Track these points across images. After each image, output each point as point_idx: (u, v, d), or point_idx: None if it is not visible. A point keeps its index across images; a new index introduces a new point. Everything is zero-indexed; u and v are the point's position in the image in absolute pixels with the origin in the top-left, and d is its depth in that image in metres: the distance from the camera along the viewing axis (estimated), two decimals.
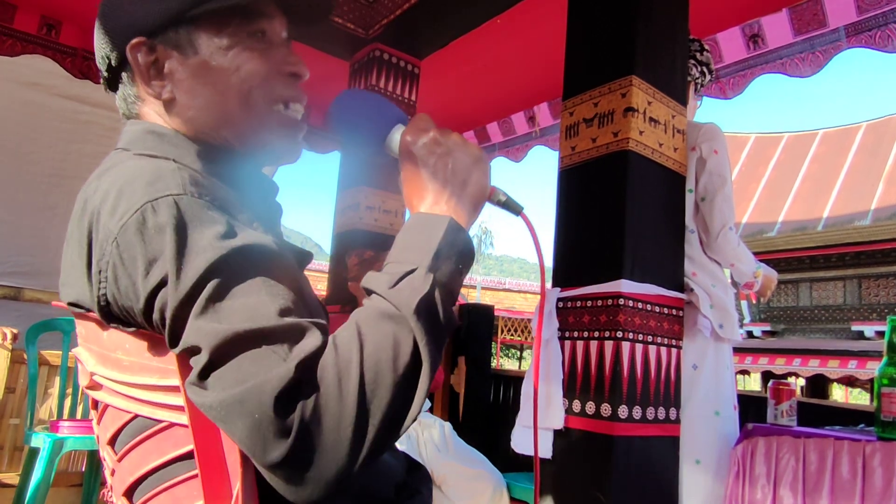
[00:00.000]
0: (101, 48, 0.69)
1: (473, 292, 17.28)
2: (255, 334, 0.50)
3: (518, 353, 21.98)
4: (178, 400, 0.57)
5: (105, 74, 0.70)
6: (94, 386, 0.66)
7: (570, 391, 1.68)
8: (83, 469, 2.85)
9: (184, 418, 0.57)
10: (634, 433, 1.57)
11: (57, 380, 2.70)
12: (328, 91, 3.66)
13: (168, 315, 0.53)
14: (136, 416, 0.62)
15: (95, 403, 0.69)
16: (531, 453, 1.70)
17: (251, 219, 0.61)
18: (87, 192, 0.62)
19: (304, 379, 0.48)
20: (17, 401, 2.70)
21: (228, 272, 0.52)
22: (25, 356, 2.60)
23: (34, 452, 2.37)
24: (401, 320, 0.52)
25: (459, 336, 3.28)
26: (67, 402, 2.66)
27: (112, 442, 0.65)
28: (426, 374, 0.52)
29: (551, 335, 1.74)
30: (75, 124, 3.67)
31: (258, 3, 0.68)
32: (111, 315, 0.58)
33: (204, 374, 0.50)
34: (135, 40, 0.66)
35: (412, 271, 0.55)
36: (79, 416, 2.67)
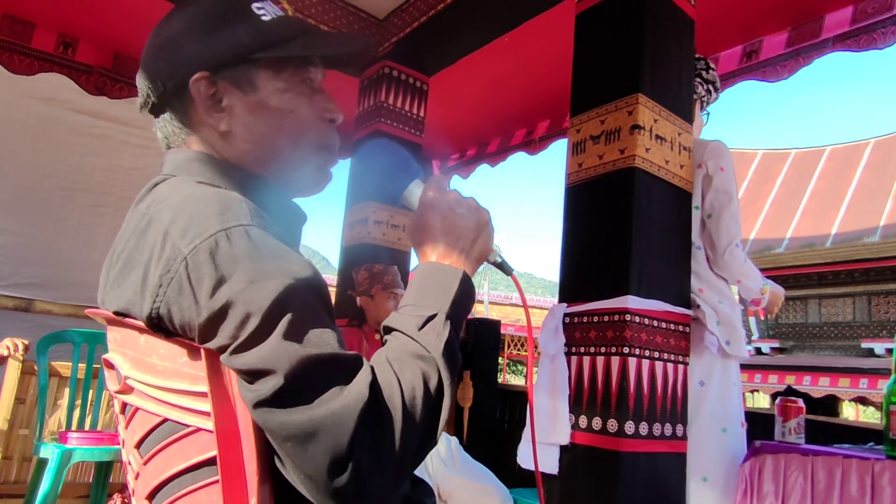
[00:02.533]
0: (157, 75, 0.72)
1: (480, 307, 17.25)
2: (328, 360, 0.55)
3: (525, 368, 21.85)
4: (206, 406, 0.58)
5: (153, 100, 0.73)
6: (126, 390, 0.67)
7: (576, 406, 1.68)
8: (91, 480, 2.86)
9: (209, 424, 0.58)
10: (641, 449, 1.57)
11: (66, 391, 2.72)
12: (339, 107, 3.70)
13: (235, 336, 0.55)
14: (165, 420, 0.64)
15: (123, 408, 0.71)
16: (539, 468, 1.70)
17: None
18: (150, 212, 0.64)
19: (370, 408, 0.54)
20: (27, 411, 2.72)
21: (297, 301, 0.57)
22: (36, 367, 2.62)
23: (42, 463, 2.38)
24: (429, 360, 0.60)
25: (466, 350, 3.29)
26: (76, 414, 2.67)
27: (139, 445, 0.67)
28: (448, 403, 0.60)
29: (558, 350, 1.75)
30: (89, 138, 3.72)
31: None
32: (158, 327, 0.61)
33: (281, 396, 0.53)
34: (199, 74, 0.69)
35: (434, 316, 0.63)
36: (87, 427, 2.69)
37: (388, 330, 0.65)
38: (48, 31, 3.04)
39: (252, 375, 0.55)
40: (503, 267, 0.77)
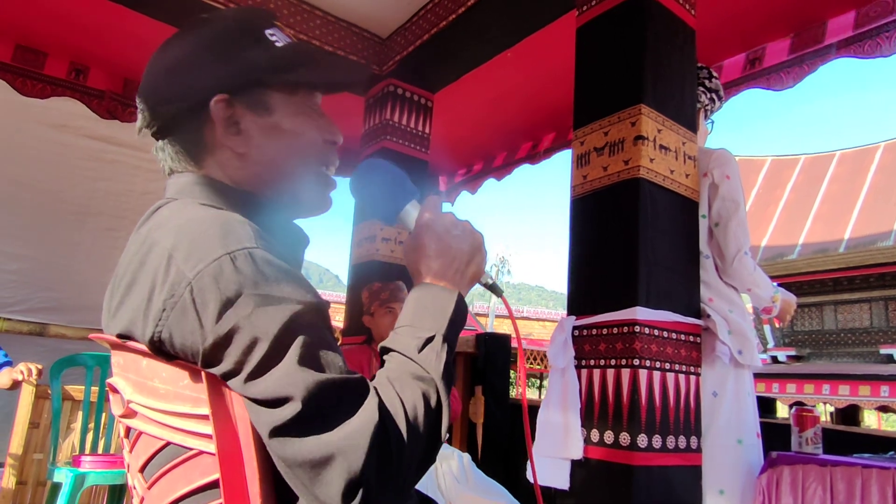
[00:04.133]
0: (168, 96, 0.72)
1: (484, 320, 17.19)
2: (341, 384, 0.57)
3: (538, 381, 21.69)
4: (208, 428, 0.59)
5: (160, 122, 0.73)
6: (129, 414, 0.68)
7: (587, 420, 1.67)
8: (104, 503, 2.86)
9: (212, 447, 0.59)
10: (655, 463, 1.55)
11: (79, 414, 2.73)
12: (344, 126, 3.74)
13: (241, 362, 0.56)
14: (168, 443, 0.64)
15: (128, 432, 0.71)
16: (550, 484, 1.68)
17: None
18: (152, 236, 0.64)
19: (379, 430, 0.55)
20: (41, 436, 2.73)
21: (305, 324, 0.58)
22: (49, 391, 2.64)
23: (57, 487, 2.39)
24: (429, 381, 0.62)
25: (477, 366, 3.27)
26: (89, 437, 2.68)
27: (143, 469, 0.68)
28: (446, 420, 0.62)
29: (568, 364, 1.74)
30: (101, 163, 3.79)
31: None
32: (160, 350, 0.61)
33: (299, 422, 0.54)
34: (220, 96, 0.70)
35: (432, 338, 0.65)
36: (100, 450, 2.69)
37: (387, 350, 0.66)
38: (60, 59, 3.11)
39: (268, 403, 0.55)
40: (494, 289, 0.79)
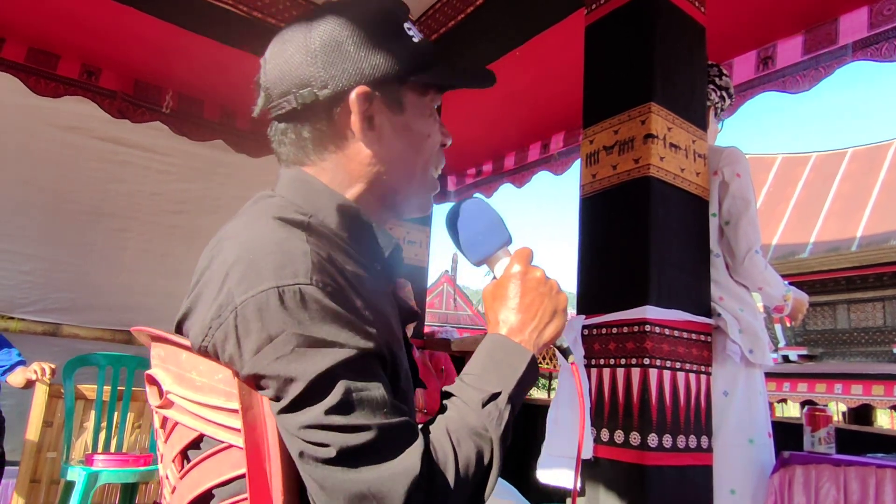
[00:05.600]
0: (309, 80, 0.67)
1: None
2: (381, 429, 0.56)
3: (546, 381, 21.64)
4: (238, 423, 0.60)
5: (295, 105, 0.68)
6: (167, 404, 0.70)
7: (597, 420, 1.66)
8: (117, 501, 2.88)
9: (240, 441, 0.60)
10: (665, 462, 1.54)
11: (92, 413, 2.76)
12: None
13: (277, 398, 0.57)
14: (202, 435, 0.66)
15: (163, 423, 0.73)
16: (560, 484, 1.68)
17: (371, 287, 0.65)
18: (222, 244, 0.64)
19: (421, 481, 0.55)
20: (55, 435, 2.76)
21: (347, 370, 0.56)
22: (62, 390, 2.67)
23: (70, 486, 2.41)
24: (486, 439, 0.61)
25: None
26: (102, 436, 2.71)
27: (179, 457, 0.70)
28: (493, 480, 0.61)
29: (577, 363, 1.73)
30: (112, 164, 3.82)
31: None
32: (204, 352, 0.63)
33: (331, 462, 0.54)
34: (362, 88, 0.67)
35: (498, 395, 0.63)
36: (113, 449, 2.72)
37: (449, 395, 0.65)
38: (72, 61, 3.15)
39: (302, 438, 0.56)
40: (565, 353, 0.76)
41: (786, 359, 12.59)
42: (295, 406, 0.55)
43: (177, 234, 4.20)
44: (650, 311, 1.59)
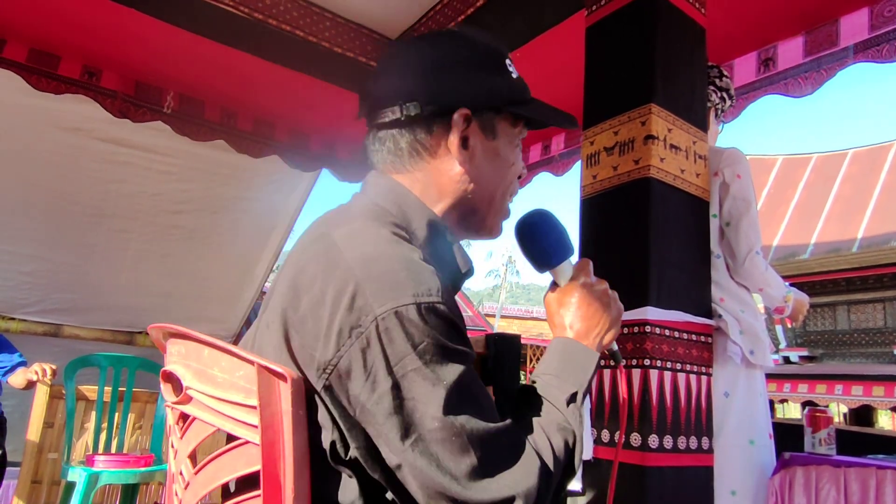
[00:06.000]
0: (417, 94, 0.74)
1: (491, 320, 17.15)
2: (505, 431, 0.64)
3: None
4: (255, 419, 0.61)
5: (399, 115, 0.74)
6: (185, 400, 0.71)
7: (597, 421, 1.66)
8: (118, 502, 2.89)
9: (257, 437, 0.61)
10: (666, 463, 1.54)
11: (93, 414, 2.76)
12: (353, 125, 3.75)
13: (410, 411, 0.60)
14: (219, 430, 0.67)
15: (179, 419, 0.74)
16: None
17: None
18: (340, 244, 0.66)
19: (542, 470, 0.64)
20: (56, 435, 2.77)
21: (472, 379, 0.64)
22: (63, 391, 2.67)
23: (71, 486, 2.41)
24: (570, 431, 0.70)
25: (487, 366, 3.27)
26: (103, 437, 2.71)
27: (192, 455, 0.71)
28: (579, 458, 0.71)
29: None
30: (113, 165, 3.82)
31: None
32: (288, 346, 0.65)
33: (474, 474, 0.60)
34: (465, 110, 0.74)
35: (576, 394, 0.73)
36: (113, 450, 2.72)
37: (527, 390, 0.75)
38: (73, 62, 3.15)
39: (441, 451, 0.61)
40: (615, 356, 0.84)
41: (787, 360, 12.58)
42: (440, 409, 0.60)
43: (178, 234, 4.21)
44: (650, 312, 1.59)
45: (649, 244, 1.64)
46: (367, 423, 0.62)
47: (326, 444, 0.64)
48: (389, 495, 0.65)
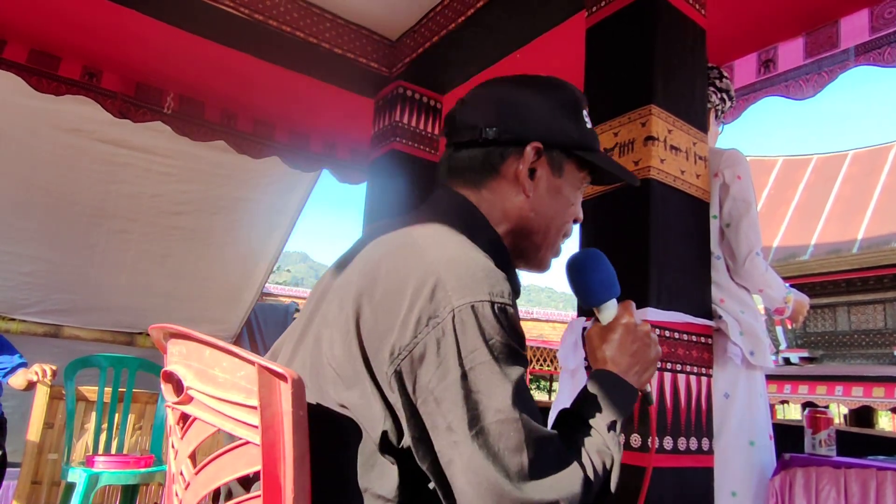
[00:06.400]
0: (498, 121, 0.82)
1: None
2: (552, 438, 0.68)
3: (548, 384, 21.61)
4: (256, 419, 0.61)
5: (477, 137, 0.82)
6: (186, 400, 0.71)
7: (626, 426, 1.66)
8: (118, 503, 2.88)
9: (257, 438, 0.61)
10: (666, 464, 1.54)
11: (93, 415, 2.76)
12: (353, 126, 3.75)
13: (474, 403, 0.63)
14: (219, 431, 0.67)
15: (180, 419, 0.75)
16: None
17: None
18: (420, 243, 0.72)
19: (585, 481, 0.67)
20: (56, 436, 2.76)
21: (527, 388, 0.68)
22: (63, 392, 2.67)
23: (71, 487, 2.41)
24: (609, 455, 0.74)
25: None
26: (103, 438, 2.71)
27: (192, 455, 0.72)
28: (615, 479, 0.75)
29: (578, 365, 1.73)
30: (113, 166, 3.82)
31: None
32: (357, 332, 0.68)
33: (525, 473, 0.63)
34: (537, 143, 0.82)
35: (616, 422, 0.78)
36: (113, 451, 2.72)
37: (577, 414, 0.78)
38: (73, 63, 3.15)
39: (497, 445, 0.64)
40: (647, 397, 0.90)
41: (787, 361, 12.57)
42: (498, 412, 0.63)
43: (177, 235, 4.21)
44: (650, 313, 1.59)
45: (649, 245, 1.64)
46: (428, 413, 0.64)
47: (377, 432, 0.66)
48: (431, 485, 0.67)
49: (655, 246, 1.65)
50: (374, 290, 0.68)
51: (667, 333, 1.62)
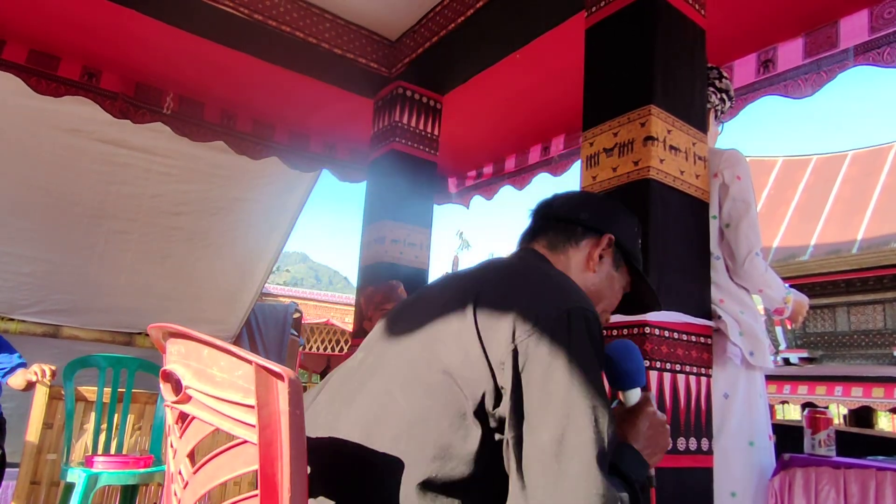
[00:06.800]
0: (592, 216, 1.07)
1: None
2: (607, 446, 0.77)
3: None
4: (253, 419, 0.61)
5: (575, 220, 1.06)
6: (184, 399, 0.71)
7: None
8: (117, 503, 2.88)
9: (255, 437, 0.61)
10: (666, 464, 1.54)
11: (92, 415, 2.75)
12: (354, 126, 3.76)
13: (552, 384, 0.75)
14: (217, 430, 0.68)
15: (178, 418, 0.75)
16: None
17: None
18: (521, 265, 0.98)
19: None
20: (55, 436, 2.76)
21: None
22: (63, 392, 2.67)
23: (70, 488, 2.41)
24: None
25: None
26: (102, 438, 2.71)
27: (191, 454, 0.72)
28: None
29: None
30: (113, 167, 3.82)
31: None
32: (474, 314, 0.81)
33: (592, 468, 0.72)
34: (611, 237, 1.06)
35: (634, 483, 0.86)
36: (113, 451, 2.72)
37: (620, 470, 0.86)
38: (73, 63, 3.15)
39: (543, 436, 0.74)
40: (650, 479, 0.96)
41: (786, 361, 12.57)
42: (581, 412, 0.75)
43: (177, 235, 4.21)
44: (651, 314, 1.59)
45: (649, 245, 1.64)
46: (521, 393, 0.75)
47: (476, 397, 0.76)
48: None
49: (655, 246, 1.65)
50: (493, 289, 0.84)
51: (666, 334, 1.62)
